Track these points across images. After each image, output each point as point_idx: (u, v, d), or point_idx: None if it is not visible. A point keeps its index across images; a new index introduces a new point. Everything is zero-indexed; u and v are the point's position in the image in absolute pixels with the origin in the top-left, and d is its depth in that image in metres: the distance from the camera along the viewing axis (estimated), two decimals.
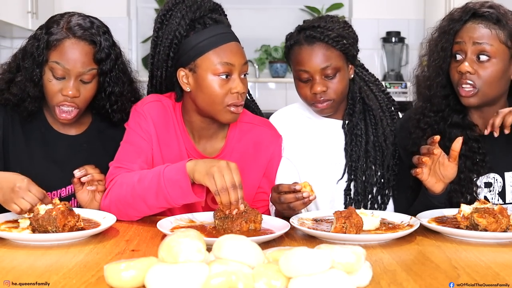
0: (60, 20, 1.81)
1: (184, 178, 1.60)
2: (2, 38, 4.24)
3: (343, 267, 1.09)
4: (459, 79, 1.78)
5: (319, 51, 1.86)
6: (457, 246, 1.47)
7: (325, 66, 1.86)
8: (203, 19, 1.78)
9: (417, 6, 4.85)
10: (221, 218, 1.55)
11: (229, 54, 1.74)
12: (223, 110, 1.75)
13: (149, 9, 4.81)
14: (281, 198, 1.68)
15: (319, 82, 1.87)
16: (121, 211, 1.69)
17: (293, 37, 1.92)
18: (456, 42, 1.79)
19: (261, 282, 1.06)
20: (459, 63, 1.79)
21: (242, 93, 1.75)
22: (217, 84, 1.73)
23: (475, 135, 1.85)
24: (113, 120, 1.92)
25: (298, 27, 1.94)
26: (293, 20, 4.93)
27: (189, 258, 1.09)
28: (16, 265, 1.29)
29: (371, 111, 1.98)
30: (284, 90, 4.88)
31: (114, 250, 1.42)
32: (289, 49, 1.94)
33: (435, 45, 1.85)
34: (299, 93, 1.94)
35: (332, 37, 1.86)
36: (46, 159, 1.87)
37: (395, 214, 1.72)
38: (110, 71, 1.83)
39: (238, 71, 1.75)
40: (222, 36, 1.76)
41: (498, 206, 1.56)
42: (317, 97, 1.88)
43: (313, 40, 1.86)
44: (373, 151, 1.95)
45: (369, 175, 1.95)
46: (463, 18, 1.80)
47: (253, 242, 1.15)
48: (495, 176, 1.85)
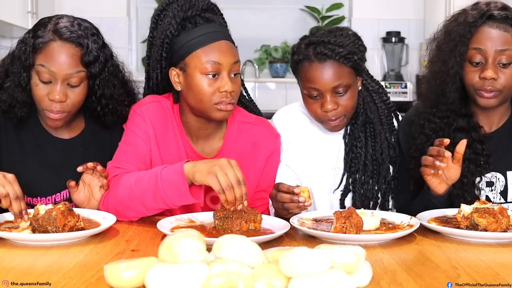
0: (48, 23, 1.78)
1: (181, 180, 1.60)
2: (2, 38, 4.24)
3: (343, 267, 1.09)
4: (481, 85, 1.77)
5: (330, 69, 1.81)
6: (457, 246, 1.47)
7: (337, 85, 1.82)
8: (194, 18, 1.79)
9: (417, 6, 4.85)
10: (221, 218, 1.55)
11: (217, 53, 1.74)
12: (212, 108, 1.75)
13: (149, 9, 4.79)
14: (277, 196, 1.69)
15: (330, 100, 1.83)
16: (119, 212, 1.69)
17: (301, 51, 1.87)
18: (475, 48, 1.76)
19: (261, 282, 1.06)
20: (477, 68, 1.77)
21: (232, 92, 1.74)
22: (205, 82, 1.74)
23: (480, 136, 1.85)
24: (105, 122, 1.89)
25: (306, 41, 1.88)
26: (293, 20, 4.94)
27: (189, 258, 1.09)
28: (16, 265, 1.29)
29: (372, 124, 1.95)
30: (284, 90, 4.88)
31: (114, 250, 1.42)
32: (297, 64, 1.88)
33: (449, 51, 1.80)
34: (308, 109, 1.90)
35: (343, 55, 1.81)
36: (40, 164, 1.85)
37: (395, 214, 1.72)
38: (99, 74, 1.79)
39: (227, 70, 1.74)
40: (211, 35, 1.76)
41: (498, 206, 1.56)
42: (328, 115, 1.85)
43: (324, 57, 1.81)
44: (371, 165, 1.93)
45: (367, 189, 1.94)
46: (479, 21, 1.77)
47: (253, 242, 1.15)
48: (497, 175, 1.85)
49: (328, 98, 1.83)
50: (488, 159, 1.84)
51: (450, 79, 1.81)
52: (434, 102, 1.87)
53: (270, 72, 4.87)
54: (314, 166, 1.98)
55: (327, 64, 1.81)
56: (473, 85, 1.79)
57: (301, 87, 1.91)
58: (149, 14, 1.93)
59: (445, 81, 1.82)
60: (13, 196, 1.53)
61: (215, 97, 1.74)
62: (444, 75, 1.82)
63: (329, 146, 2.00)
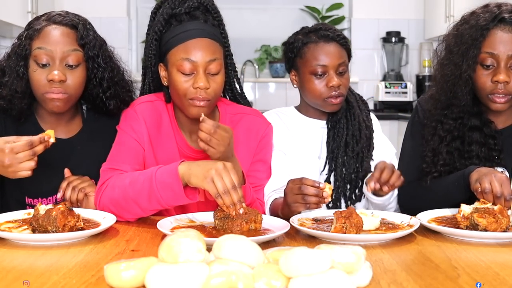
0: (41, 16, 1.84)
1: (176, 181, 1.60)
2: (2, 38, 4.24)
3: (343, 267, 1.10)
4: (493, 88, 1.78)
5: (335, 48, 1.98)
6: (457, 246, 1.47)
7: (341, 62, 1.97)
8: (180, 16, 1.80)
9: (417, 6, 4.85)
10: (221, 218, 1.55)
11: (192, 51, 1.75)
12: (187, 104, 1.76)
13: (149, 9, 4.73)
14: (302, 188, 1.66)
15: (336, 77, 1.96)
16: (115, 213, 1.69)
17: (301, 39, 2.01)
18: (487, 52, 1.78)
19: (261, 282, 1.06)
20: (489, 71, 1.79)
21: (206, 88, 1.74)
22: (181, 79, 1.75)
23: (492, 131, 1.87)
24: (109, 108, 1.90)
25: (305, 30, 2.04)
26: (293, 20, 4.94)
27: (189, 258, 1.09)
28: (16, 265, 1.29)
29: (352, 108, 2.08)
30: (284, 90, 4.89)
31: (114, 250, 1.42)
32: (299, 49, 2.00)
33: (461, 54, 1.82)
34: (313, 89, 1.98)
35: (342, 38, 2.01)
36: (39, 164, 1.85)
37: (395, 214, 1.72)
38: (97, 56, 1.82)
39: (202, 68, 1.75)
40: (190, 32, 1.77)
41: (498, 206, 1.56)
42: (332, 91, 1.96)
43: (328, 38, 1.97)
44: (352, 142, 2.03)
45: (348, 164, 2.02)
46: (491, 24, 1.78)
47: (253, 242, 1.15)
48: (503, 171, 1.86)
49: (334, 75, 1.96)
50: (500, 154, 1.86)
51: (463, 82, 1.82)
52: (445, 103, 1.88)
53: (270, 72, 4.87)
54: (299, 157, 2.02)
55: (332, 44, 1.98)
56: (485, 89, 1.80)
57: (302, 71, 2.00)
58: (149, 14, 1.95)
59: (458, 84, 1.83)
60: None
61: (189, 94, 1.75)
62: (456, 78, 1.84)
63: (313, 137, 2.05)
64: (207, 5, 1.84)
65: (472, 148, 1.87)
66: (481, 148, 1.86)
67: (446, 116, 1.88)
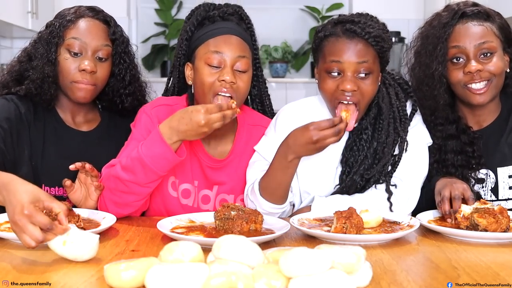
0: (70, 9, 1.90)
1: (167, 149, 1.64)
2: (2, 38, 4.24)
3: (343, 267, 1.10)
4: (469, 79, 1.78)
5: (357, 46, 1.72)
6: (457, 246, 1.47)
7: (361, 61, 1.71)
8: (213, 18, 1.83)
9: (417, 6, 4.85)
10: (221, 219, 1.55)
11: (221, 44, 1.76)
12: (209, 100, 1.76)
13: (149, 9, 4.80)
14: (312, 126, 1.62)
15: (351, 79, 1.71)
16: (118, 202, 1.71)
17: (327, 28, 1.78)
18: (454, 46, 1.79)
19: (261, 282, 1.06)
20: (460, 65, 1.80)
21: (232, 83, 1.74)
22: (207, 71, 1.76)
23: (469, 138, 1.86)
24: (125, 105, 1.95)
25: (334, 20, 1.80)
26: (293, 20, 4.94)
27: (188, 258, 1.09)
28: (16, 265, 1.29)
29: (381, 116, 1.82)
30: (284, 90, 4.88)
31: (114, 250, 1.42)
32: (321, 40, 1.78)
33: (429, 54, 1.83)
34: (324, 88, 1.76)
35: (372, 36, 1.73)
36: (58, 155, 1.88)
37: (395, 214, 1.72)
38: (123, 52, 1.91)
39: (230, 62, 1.75)
40: (222, 29, 1.79)
41: (498, 206, 1.56)
42: (344, 95, 1.73)
43: (352, 34, 1.73)
44: (372, 159, 1.81)
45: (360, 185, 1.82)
46: (453, 20, 1.80)
47: (253, 242, 1.15)
48: (487, 172, 1.85)
49: (349, 77, 1.72)
50: (480, 160, 1.85)
51: (437, 81, 1.82)
52: (429, 109, 1.88)
53: (270, 72, 4.87)
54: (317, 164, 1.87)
55: (355, 41, 1.73)
56: (459, 81, 1.80)
57: (320, 67, 1.79)
58: (149, 14, 1.99)
59: (432, 85, 1.83)
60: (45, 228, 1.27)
61: (214, 87, 1.75)
62: (429, 78, 1.83)
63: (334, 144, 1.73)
64: (241, 14, 1.87)
65: (447, 157, 1.86)
66: (457, 157, 1.85)
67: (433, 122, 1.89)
